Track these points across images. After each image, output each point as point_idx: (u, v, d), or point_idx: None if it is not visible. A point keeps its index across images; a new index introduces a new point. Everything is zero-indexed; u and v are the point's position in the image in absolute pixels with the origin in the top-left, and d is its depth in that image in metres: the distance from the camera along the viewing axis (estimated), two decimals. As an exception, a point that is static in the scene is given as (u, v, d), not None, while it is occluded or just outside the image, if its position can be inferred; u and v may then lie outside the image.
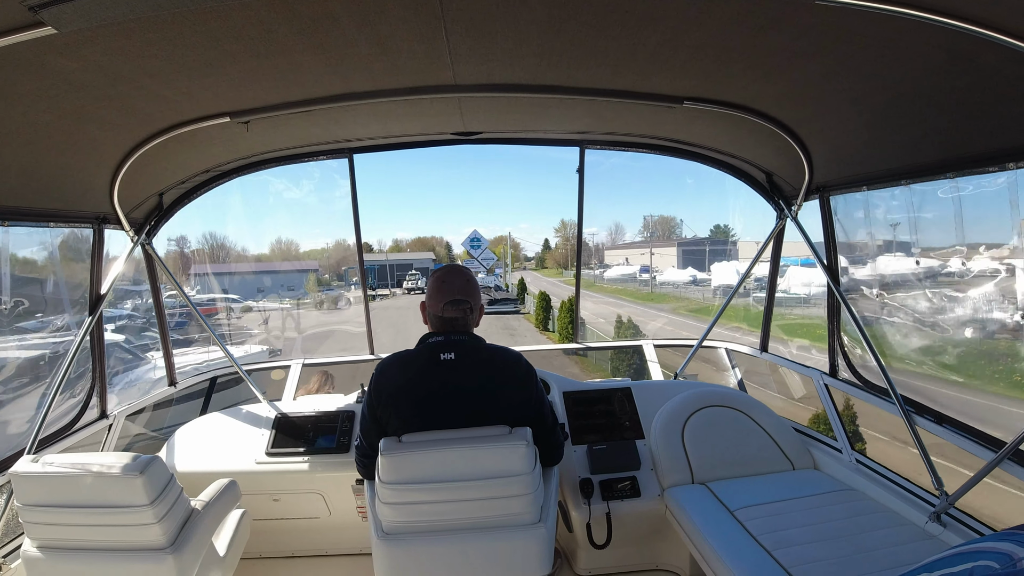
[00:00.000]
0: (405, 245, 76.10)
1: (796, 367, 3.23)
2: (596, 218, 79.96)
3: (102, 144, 2.15)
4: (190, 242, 54.27)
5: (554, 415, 2.07)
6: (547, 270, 57.53)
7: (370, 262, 57.86)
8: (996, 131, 1.66)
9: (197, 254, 51.70)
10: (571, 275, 52.53)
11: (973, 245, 2.22)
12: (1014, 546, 0.83)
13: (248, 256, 57.68)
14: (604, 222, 74.08)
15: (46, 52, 1.43)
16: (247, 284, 43.20)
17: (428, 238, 78.51)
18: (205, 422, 2.95)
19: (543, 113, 2.61)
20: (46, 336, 2.72)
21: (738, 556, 1.92)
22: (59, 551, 1.87)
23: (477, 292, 1.98)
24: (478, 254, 27.39)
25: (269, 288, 42.22)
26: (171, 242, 51.86)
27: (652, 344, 3.92)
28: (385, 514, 1.71)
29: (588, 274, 51.07)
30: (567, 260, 58.64)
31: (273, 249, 63.76)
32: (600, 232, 67.03)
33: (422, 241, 77.38)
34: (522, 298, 38.20)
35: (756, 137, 2.56)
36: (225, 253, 55.70)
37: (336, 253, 63.16)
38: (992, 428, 1.96)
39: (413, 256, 69.14)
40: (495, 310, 32.14)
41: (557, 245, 63.61)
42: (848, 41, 1.55)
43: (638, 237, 59.68)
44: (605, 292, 42.94)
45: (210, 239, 56.48)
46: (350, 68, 1.89)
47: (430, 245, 74.80)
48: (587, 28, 1.63)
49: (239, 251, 57.72)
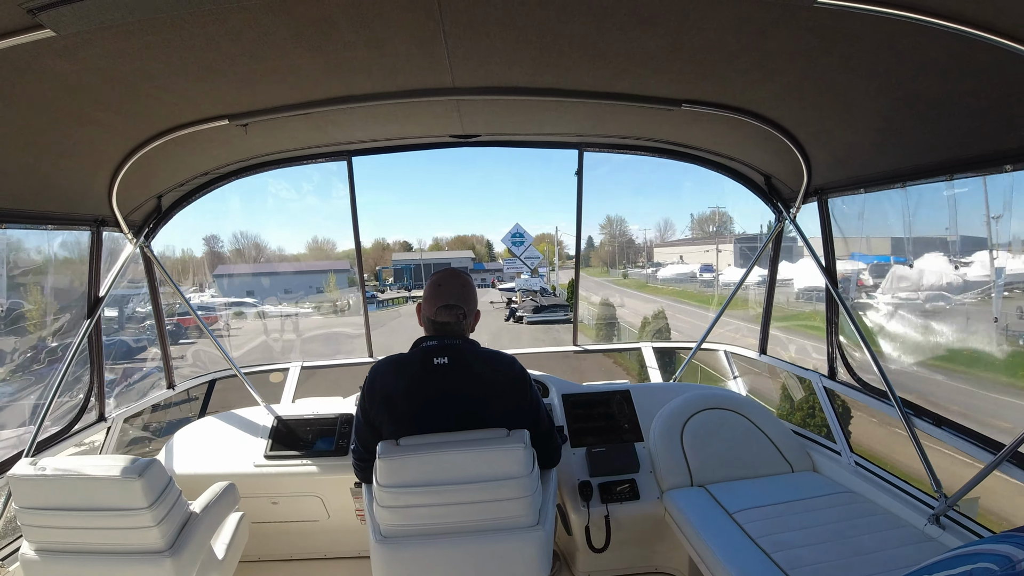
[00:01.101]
0: (444, 244, 73.14)
1: (795, 369, 3.24)
2: (643, 215, 75.68)
3: (101, 147, 2.15)
4: (222, 241, 53.65)
5: (550, 418, 2.07)
6: (591, 269, 52.97)
7: (406, 262, 56.18)
8: (995, 133, 1.66)
9: (230, 254, 50.52)
10: (618, 274, 48.61)
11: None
12: (1013, 548, 0.83)
13: (287, 256, 56.68)
14: (652, 219, 70.62)
15: (45, 55, 1.44)
16: (275, 284, 42.09)
17: (468, 236, 75.32)
18: (204, 425, 2.94)
19: (542, 115, 2.62)
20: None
21: (737, 558, 1.91)
22: (57, 554, 1.86)
23: (472, 297, 1.97)
24: (520, 252, 24.05)
25: (296, 289, 40.67)
26: (203, 242, 49.84)
27: (651, 347, 3.92)
28: (383, 517, 1.70)
29: (639, 274, 47.05)
30: (613, 259, 54.02)
31: (310, 248, 62.63)
32: (650, 229, 63.29)
33: (461, 240, 74.03)
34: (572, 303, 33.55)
35: (755, 140, 2.56)
36: (258, 252, 54.54)
37: (374, 252, 62.58)
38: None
39: (451, 255, 64.55)
40: (541, 319, 27.27)
41: (602, 243, 58.93)
42: (847, 43, 1.56)
43: (688, 233, 54.76)
44: (661, 294, 36.42)
45: (242, 238, 55.91)
46: (348, 71, 1.89)
47: (470, 244, 71.86)
48: (585, 30, 1.63)
49: (274, 250, 56.73)
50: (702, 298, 31.89)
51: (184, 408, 3.58)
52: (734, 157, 2.99)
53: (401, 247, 69.17)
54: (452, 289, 1.92)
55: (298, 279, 43.95)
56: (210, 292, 36.76)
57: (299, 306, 34.54)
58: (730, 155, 2.99)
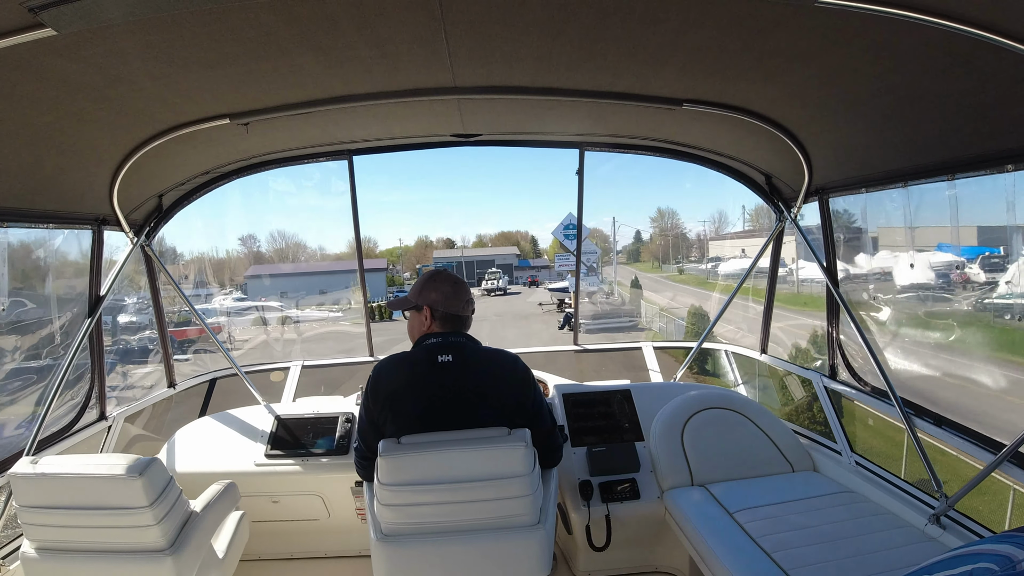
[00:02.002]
0: (488, 240, 70.11)
1: (795, 369, 3.23)
2: (694, 208, 69.65)
3: (102, 145, 2.15)
4: (259, 240, 52.02)
5: (552, 417, 2.07)
6: (642, 264, 48.85)
7: (447, 259, 53.73)
8: (995, 133, 1.66)
9: (272, 254, 48.39)
10: (672, 270, 43.27)
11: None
12: (1014, 548, 0.83)
13: (328, 255, 54.18)
14: (707, 211, 65.76)
15: (46, 53, 1.44)
16: (311, 284, 40.04)
17: (512, 232, 71.78)
18: (204, 424, 2.95)
19: (543, 115, 2.62)
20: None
21: (737, 558, 1.91)
22: (58, 553, 1.86)
23: (464, 293, 2.02)
24: (574, 247, 16.84)
25: (332, 288, 37.92)
26: (239, 241, 48.22)
27: (652, 346, 3.92)
28: (384, 516, 1.70)
29: (695, 269, 42.09)
30: (666, 253, 48.64)
31: (351, 246, 60.34)
32: (706, 221, 57.58)
33: (506, 236, 70.47)
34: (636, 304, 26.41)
35: (755, 139, 2.56)
36: (298, 251, 52.83)
37: (416, 250, 60.81)
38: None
39: (495, 251, 60.20)
40: (603, 326, 21.92)
41: (653, 237, 54.40)
42: (847, 43, 1.56)
43: (743, 226, 49.02)
44: (746, 294, 21.01)
45: (279, 237, 54.37)
46: (350, 70, 1.89)
47: (514, 240, 68.64)
48: (586, 30, 1.63)
49: (315, 249, 54.79)
50: (791, 299, 19.30)
51: (185, 407, 3.59)
52: (735, 156, 2.98)
53: (444, 245, 66.96)
54: (447, 289, 1.97)
55: (334, 279, 40.86)
56: (231, 296, 33.25)
57: (329, 309, 32.28)
58: (731, 154, 2.99)
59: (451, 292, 1.97)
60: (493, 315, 29.71)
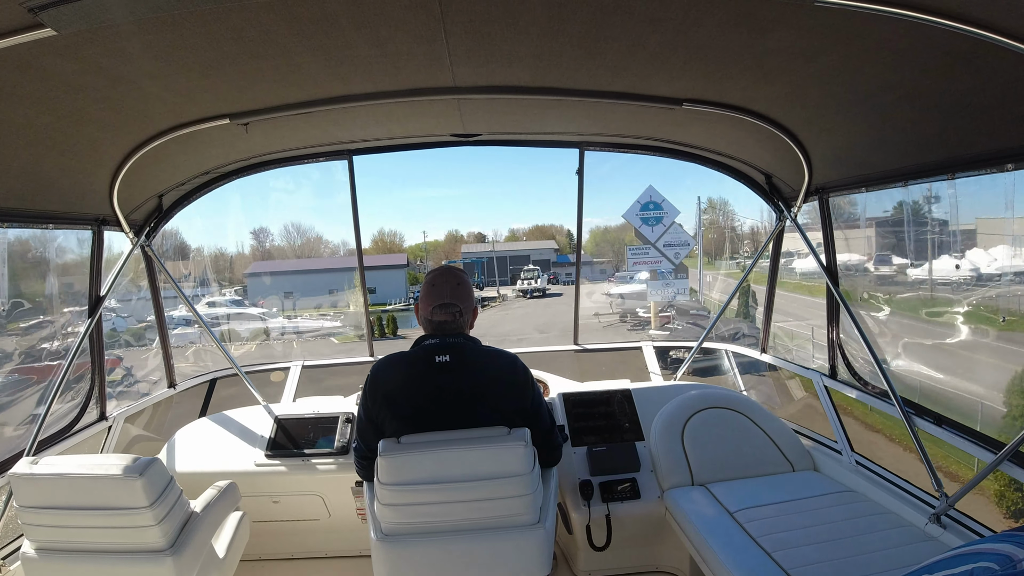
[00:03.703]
0: (522, 234, 61.94)
1: (795, 368, 3.23)
2: (742, 202, 66.59)
3: (102, 146, 2.15)
4: (272, 234, 47.43)
5: (552, 417, 2.07)
6: (690, 259, 46.78)
7: (476, 255, 47.24)
8: (995, 132, 1.66)
9: (284, 248, 44.18)
10: (725, 266, 35.48)
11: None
12: (1014, 547, 0.83)
13: (352, 251, 47.45)
14: (756, 206, 61.79)
15: (46, 54, 1.44)
16: (317, 283, 33.56)
17: (547, 226, 62.14)
18: (204, 424, 2.95)
19: (543, 115, 2.62)
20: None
21: (738, 558, 1.91)
22: (58, 553, 1.86)
23: (469, 295, 1.96)
24: (656, 234, 11.93)
25: (342, 287, 31.95)
26: (251, 235, 43.70)
27: (652, 346, 3.92)
28: (384, 515, 1.70)
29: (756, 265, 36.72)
30: (719, 249, 45.75)
31: (375, 242, 54.47)
32: (759, 218, 55.41)
33: (540, 229, 61.56)
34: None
35: (755, 139, 2.56)
36: (316, 246, 47.69)
37: (446, 245, 56.37)
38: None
39: (530, 246, 51.48)
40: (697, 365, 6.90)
41: (705, 230, 51.90)
42: (847, 43, 1.56)
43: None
44: (804, 291, 17.48)
45: (293, 231, 49.52)
46: (350, 70, 1.89)
47: (550, 234, 59.52)
48: (586, 30, 1.63)
49: (337, 244, 48.08)
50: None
51: (185, 407, 3.59)
52: (735, 156, 2.99)
53: (475, 239, 59.26)
54: (447, 289, 1.93)
55: (344, 277, 33.27)
56: (229, 293, 29.96)
57: (328, 311, 28.18)
58: (731, 154, 2.99)
59: (424, 296, 1.94)
60: (535, 330, 21.16)
